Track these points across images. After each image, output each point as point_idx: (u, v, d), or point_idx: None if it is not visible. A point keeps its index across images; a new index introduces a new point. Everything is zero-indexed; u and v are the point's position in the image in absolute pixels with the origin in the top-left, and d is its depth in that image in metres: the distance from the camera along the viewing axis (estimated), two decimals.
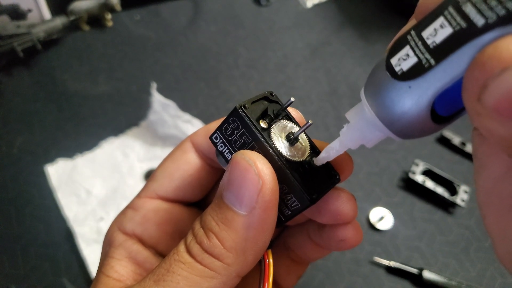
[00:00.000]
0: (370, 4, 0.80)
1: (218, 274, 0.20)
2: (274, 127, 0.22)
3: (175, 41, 0.70)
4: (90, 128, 0.59)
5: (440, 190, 0.55)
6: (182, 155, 0.27)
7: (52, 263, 0.48)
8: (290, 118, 0.24)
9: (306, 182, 0.22)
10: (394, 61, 0.17)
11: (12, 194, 0.52)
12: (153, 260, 0.26)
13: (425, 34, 0.16)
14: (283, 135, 0.22)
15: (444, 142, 0.61)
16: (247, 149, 0.22)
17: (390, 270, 0.50)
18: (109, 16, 0.70)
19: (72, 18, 0.67)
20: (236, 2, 0.77)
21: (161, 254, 0.27)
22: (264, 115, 0.22)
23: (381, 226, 0.53)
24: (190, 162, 0.27)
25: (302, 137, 0.24)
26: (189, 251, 0.21)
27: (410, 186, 0.57)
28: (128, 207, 0.28)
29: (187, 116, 0.58)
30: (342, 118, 0.63)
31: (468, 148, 0.60)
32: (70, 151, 0.56)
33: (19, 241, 0.49)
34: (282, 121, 0.23)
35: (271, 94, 0.24)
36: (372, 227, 0.53)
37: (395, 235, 0.53)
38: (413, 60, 0.16)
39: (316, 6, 0.79)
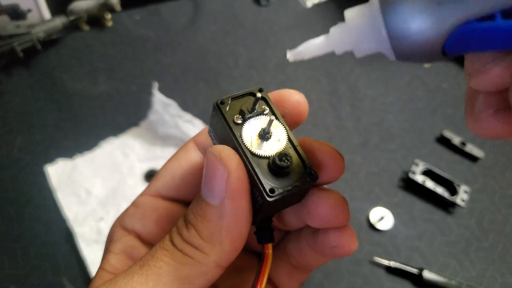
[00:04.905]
0: None
1: (197, 262, 0.21)
2: (249, 123, 0.23)
3: (175, 41, 0.70)
4: (90, 128, 0.59)
5: (440, 190, 0.55)
6: (185, 155, 0.28)
7: (52, 263, 0.48)
8: (275, 114, 0.24)
9: (273, 179, 0.22)
10: None
11: (12, 194, 0.52)
12: None
13: None
14: (257, 131, 0.23)
15: (444, 142, 0.61)
16: (224, 143, 0.23)
17: (390, 270, 0.50)
18: (109, 16, 0.70)
19: (72, 18, 0.67)
20: (236, 2, 0.77)
21: None
22: (242, 110, 0.23)
23: (381, 226, 0.53)
24: (191, 161, 0.28)
25: (280, 133, 0.23)
26: (171, 241, 0.22)
27: (410, 186, 0.57)
28: (131, 204, 0.29)
29: (188, 116, 0.58)
30: (342, 118, 0.63)
31: (468, 148, 0.60)
32: (70, 151, 0.55)
33: (19, 241, 0.49)
34: (262, 117, 0.23)
35: (260, 89, 0.24)
36: (372, 227, 0.53)
37: (395, 235, 0.53)
38: None
39: (316, 6, 0.79)
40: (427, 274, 0.49)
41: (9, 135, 0.57)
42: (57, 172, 0.54)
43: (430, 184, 0.55)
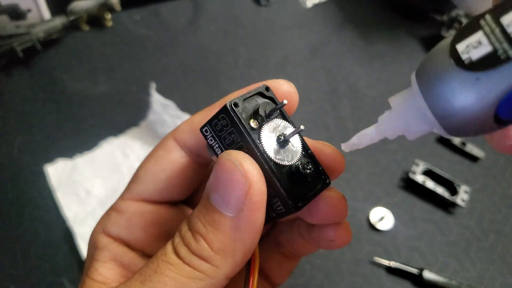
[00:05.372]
0: (370, 4, 0.80)
1: (207, 276, 0.20)
2: (265, 128, 0.21)
3: (175, 41, 0.70)
4: (90, 128, 0.59)
5: (440, 190, 0.55)
6: (166, 155, 0.26)
7: (52, 263, 0.48)
8: (284, 117, 0.23)
9: (293, 187, 0.21)
10: (461, 47, 0.15)
11: (12, 195, 0.52)
12: (140, 262, 0.26)
13: (506, 20, 0.14)
14: (274, 137, 0.22)
15: (444, 142, 0.61)
16: (236, 148, 0.21)
17: (390, 270, 0.50)
18: (108, 16, 0.70)
19: (71, 18, 0.67)
20: (236, 2, 0.77)
21: (148, 255, 0.26)
22: (256, 114, 0.22)
23: (381, 226, 0.53)
24: (174, 162, 0.26)
25: (294, 138, 0.23)
26: (176, 253, 0.21)
27: (410, 186, 0.57)
28: (112, 208, 0.27)
29: (187, 117, 0.58)
30: (342, 118, 0.63)
31: (468, 148, 0.60)
32: (70, 151, 0.55)
33: (19, 242, 0.49)
34: (274, 120, 0.22)
35: (266, 89, 0.23)
36: (372, 227, 0.53)
37: (395, 235, 0.53)
38: (486, 49, 0.14)
39: (316, 6, 0.79)
40: (427, 274, 0.49)
41: (9, 135, 0.57)
42: (57, 172, 0.53)
43: (430, 184, 0.55)
